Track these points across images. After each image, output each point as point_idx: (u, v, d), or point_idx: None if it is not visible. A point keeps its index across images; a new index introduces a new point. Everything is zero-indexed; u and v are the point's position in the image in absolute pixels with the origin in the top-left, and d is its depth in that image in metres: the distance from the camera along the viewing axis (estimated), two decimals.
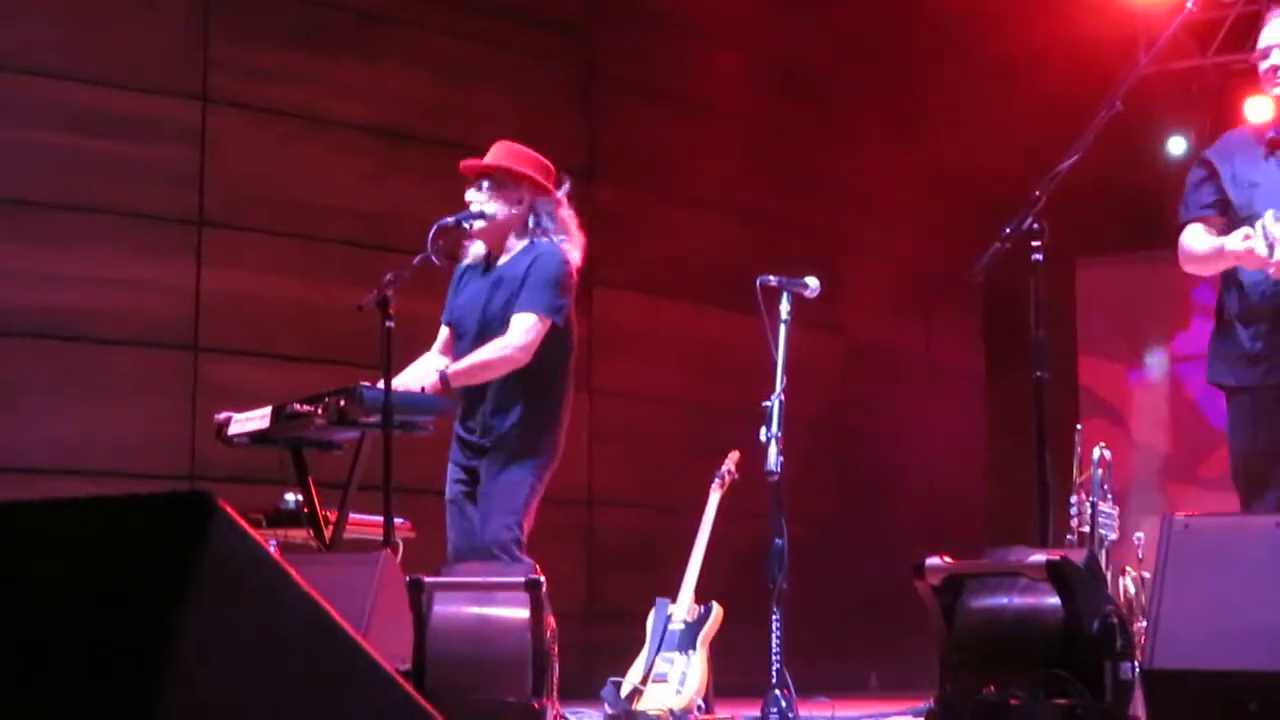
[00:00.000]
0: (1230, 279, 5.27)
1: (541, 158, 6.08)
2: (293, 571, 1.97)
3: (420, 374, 5.94)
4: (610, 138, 10.57)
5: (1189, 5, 5.29)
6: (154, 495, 1.88)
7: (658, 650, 7.42)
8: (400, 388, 5.73)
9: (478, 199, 5.97)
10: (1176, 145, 11.64)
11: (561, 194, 6.04)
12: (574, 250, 5.99)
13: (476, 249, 6.12)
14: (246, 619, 1.88)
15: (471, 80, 9.89)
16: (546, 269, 5.86)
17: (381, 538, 5.67)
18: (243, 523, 1.91)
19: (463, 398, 5.96)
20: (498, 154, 6.06)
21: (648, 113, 10.78)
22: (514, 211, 5.98)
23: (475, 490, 5.86)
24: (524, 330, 5.80)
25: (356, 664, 2.01)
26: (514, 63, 10.11)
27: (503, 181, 5.96)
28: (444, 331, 6.17)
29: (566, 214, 6.04)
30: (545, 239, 5.95)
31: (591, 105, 10.56)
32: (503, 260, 6.00)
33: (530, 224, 5.98)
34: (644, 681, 7.28)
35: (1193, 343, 11.73)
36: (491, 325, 5.88)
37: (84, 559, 1.92)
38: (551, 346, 5.88)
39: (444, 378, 5.81)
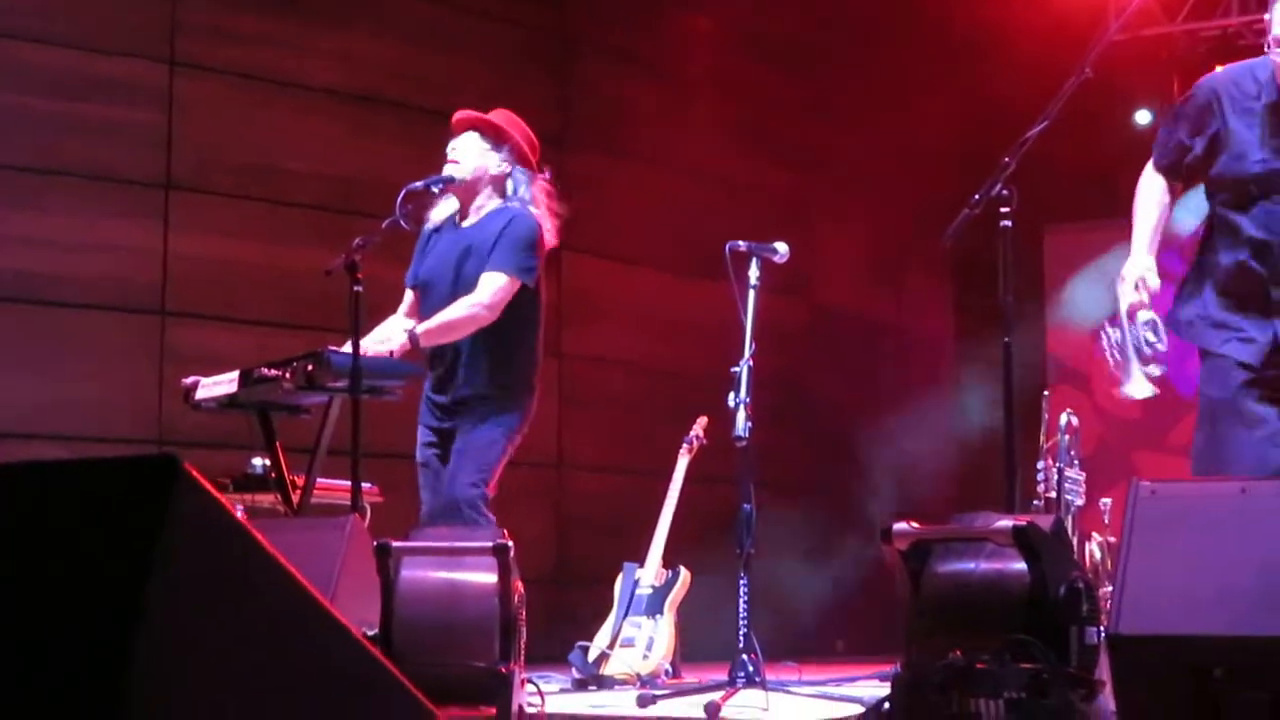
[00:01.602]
0: None
1: (533, 135, 6.11)
2: (258, 535, 1.96)
3: (386, 335, 5.94)
4: (582, 103, 10.55)
5: None
6: (120, 459, 1.88)
7: (625, 614, 7.45)
8: (369, 352, 5.72)
9: (460, 146, 5.99)
10: (1143, 117, 11.67)
11: (542, 177, 6.09)
12: (546, 221, 6.02)
13: (441, 212, 6.12)
14: (213, 581, 1.88)
15: (442, 44, 9.85)
16: (519, 230, 5.89)
17: (349, 502, 5.67)
18: (208, 485, 1.91)
19: (433, 360, 5.97)
20: (493, 115, 6.10)
21: (620, 79, 10.76)
22: (494, 171, 6.00)
23: (447, 451, 5.89)
24: (493, 289, 5.82)
25: (321, 626, 2.01)
26: (486, 27, 10.07)
27: (490, 137, 6.00)
28: (409, 295, 6.17)
29: (541, 190, 6.07)
30: (518, 205, 5.97)
31: (564, 71, 10.53)
32: (472, 221, 6.02)
33: (508, 188, 6.02)
34: (611, 646, 7.31)
35: (1159, 308, 11.75)
36: (464, 287, 5.89)
37: (50, 522, 1.92)
38: (521, 309, 5.90)
39: (413, 338, 5.81)
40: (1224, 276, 4.99)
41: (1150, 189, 5.13)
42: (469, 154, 6.01)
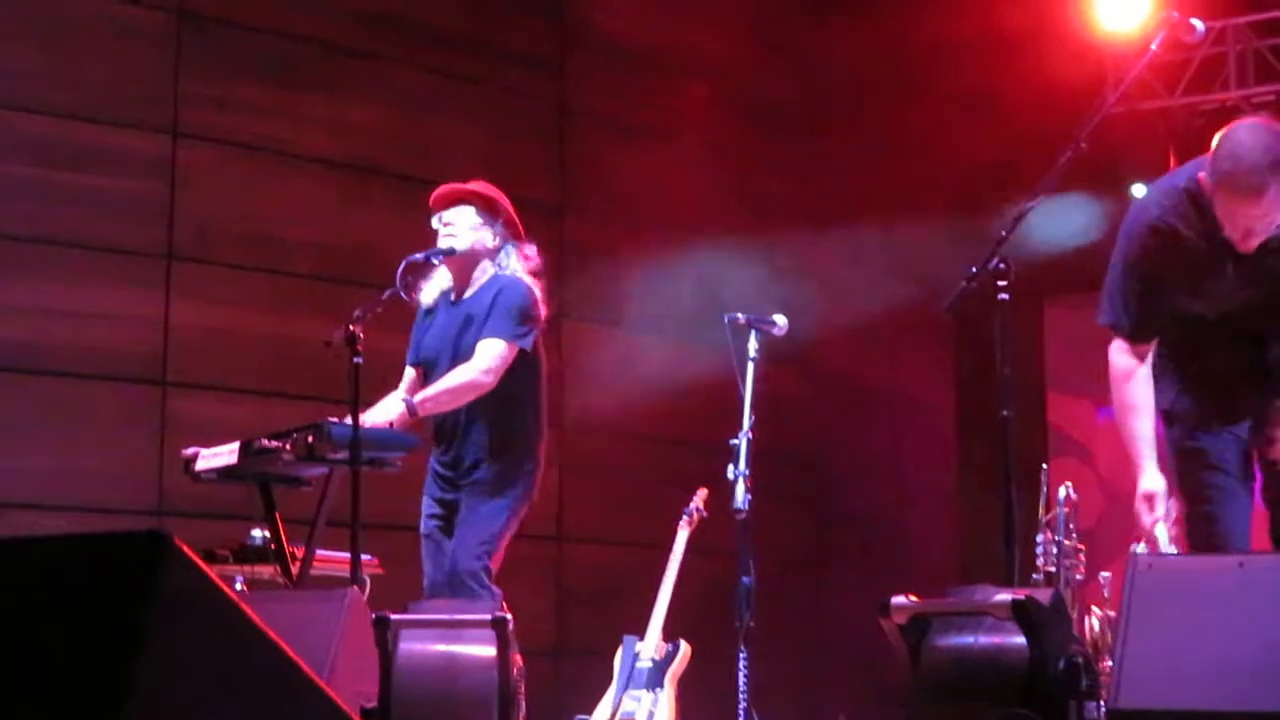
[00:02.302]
0: None
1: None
2: (248, 609, 1.96)
3: (385, 410, 5.94)
4: (581, 172, 10.57)
5: (1153, 47, 5.30)
6: (109, 534, 1.87)
7: (625, 688, 7.41)
8: (368, 424, 5.73)
9: (456, 220, 5.99)
10: (1139, 190, 11.69)
11: (530, 250, 6.11)
12: (537, 288, 6.04)
13: (431, 291, 6.14)
14: (201, 656, 1.88)
15: (441, 114, 9.89)
16: (512, 297, 5.91)
17: (349, 574, 5.65)
18: (198, 560, 1.90)
19: (437, 431, 5.97)
20: (477, 187, 6.12)
21: (619, 147, 10.78)
22: (490, 245, 6.02)
23: (451, 523, 5.89)
24: (489, 355, 5.83)
25: (311, 701, 2.00)
26: (484, 97, 10.11)
27: (485, 211, 6.01)
28: (409, 373, 6.18)
29: (532, 260, 6.09)
30: (510, 273, 5.99)
31: (563, 140, 10.57)
32: (469, 293, 6.03)
33: (500, 259, 6.03)
34: (611, 719, 7.27)
35: None
36: (463, 360, 5.90)
37: (38, 598, 1.92)
38: (521, 377, 5.90)
39: (410, 408, 5.82)
40: (1193, 388, 5.02)
41: (1128, 378, 5.12)
42: (464, 227, 6.01)
